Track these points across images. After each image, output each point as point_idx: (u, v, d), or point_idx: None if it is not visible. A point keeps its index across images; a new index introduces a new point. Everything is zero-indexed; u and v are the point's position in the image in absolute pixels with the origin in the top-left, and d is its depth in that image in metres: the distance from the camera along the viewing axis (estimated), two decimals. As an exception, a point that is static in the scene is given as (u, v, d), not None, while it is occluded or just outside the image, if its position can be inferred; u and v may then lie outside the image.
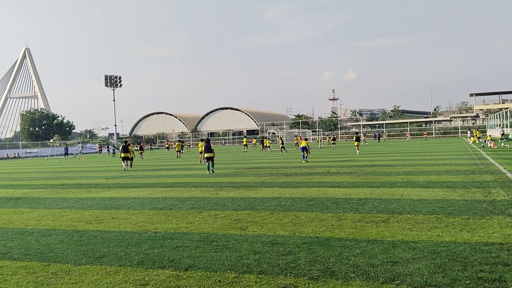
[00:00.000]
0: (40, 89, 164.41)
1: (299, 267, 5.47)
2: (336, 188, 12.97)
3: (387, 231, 7.25)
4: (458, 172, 16.20)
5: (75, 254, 6.63)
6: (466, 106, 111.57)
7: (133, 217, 9.74)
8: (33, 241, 7.71)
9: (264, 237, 7.21)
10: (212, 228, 8.14)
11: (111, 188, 16.31)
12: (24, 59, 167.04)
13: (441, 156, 26.61)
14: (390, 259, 5.62)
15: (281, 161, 28.81)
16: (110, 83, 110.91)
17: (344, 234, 7.14)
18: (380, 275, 5.04)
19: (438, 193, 11.10)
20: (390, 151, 35.07)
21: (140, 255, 6.38)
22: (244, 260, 5.89)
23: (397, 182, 13.85)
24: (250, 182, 15.95)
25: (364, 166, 21.01)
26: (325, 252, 6.12)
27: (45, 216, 10.41)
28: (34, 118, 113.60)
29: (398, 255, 5.78)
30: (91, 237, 7.85)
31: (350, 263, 5.56)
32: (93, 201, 12.77)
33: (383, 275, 5.03)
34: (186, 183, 16.81)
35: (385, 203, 10.03)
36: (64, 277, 5.52)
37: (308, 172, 18.84)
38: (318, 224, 8.03)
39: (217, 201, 11.58)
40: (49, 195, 14.89)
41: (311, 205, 10.25)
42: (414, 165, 19.97)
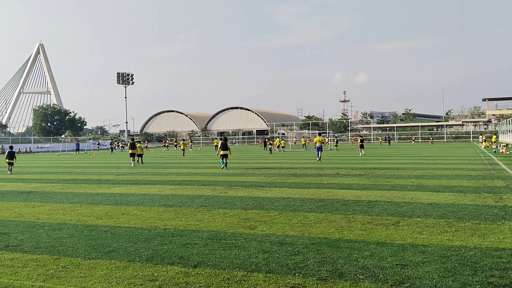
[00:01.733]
0: (53, 85, 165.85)
1: (307, 267, 5.47)
2: (346, 190, 12.93)
3: (397, 234, 7.21)
4: (469, 177, 16.07)
5: (85, 248, 6.68)
6: (478, 111, 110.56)
7: (143, 213, 9.79)
8: (43, 235, 7.77)
9: (273, 236, 7.21)
10: (221, 226, 8.15)
11: (121, 184, 16.41)
12: (37, 54, 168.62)
13: (452, 160, 26.41)
14: (399, 262, 5.59)
15: (290, 161, 28.78)
16: (122, 80, 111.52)
17: (354, 236, 7.12)
18: (389, 278, 5.02)
19: (449, 198, 11.02)
20: (401, 154, 34.86)
21: (149, 251, 6.41)
22: (253, 259, 5.89)
23: (407, 185, 13.78)
24: (260, 181, 15.95)
25: (374, 168, 20.92)
26: (334, 253, 6.10)
27: (56, 210, 10.50)
28: (47, 113, 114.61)
29: (408, 258, 5.75)
30: (101, 232, 7.91)
31: (359, 264, 5.54)
32: (103, 196, 12.86)
33: (392, 278, 5.01)
34: (195, 181, 16.86)
35: (395, 206, 9.98)
36: (74, 271, 5.57)
37: (317, 173, 18.81)
38: (327, 225, 8.01)
39: (226, 199, 11.60)
40: (60, 189, 15.02)
41: (320, 206, 10.24)
42: (425, 169, 19.84)
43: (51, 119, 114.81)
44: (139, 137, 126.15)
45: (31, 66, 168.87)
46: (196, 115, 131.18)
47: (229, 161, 23.70)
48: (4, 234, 7.92)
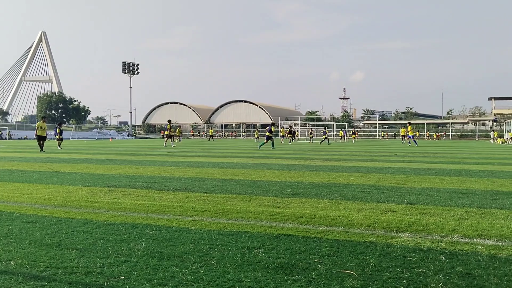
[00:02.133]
0: (55, 73, 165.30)
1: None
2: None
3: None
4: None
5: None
6: (479, 111, 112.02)
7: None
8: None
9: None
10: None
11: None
12: (40, 42, 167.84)
13: (503, 150, 27.37)
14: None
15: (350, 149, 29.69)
16: (127, 70, 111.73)
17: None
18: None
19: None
20: (443, 149, 35.83)
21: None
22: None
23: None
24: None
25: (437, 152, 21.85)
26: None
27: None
28: (51, 101, 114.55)
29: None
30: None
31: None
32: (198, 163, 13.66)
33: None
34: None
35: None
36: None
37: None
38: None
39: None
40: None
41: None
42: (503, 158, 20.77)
43: (56, 107, 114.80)
44: (141, 128, 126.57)
45: (33, 54, 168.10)
46: (199, 107, 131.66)
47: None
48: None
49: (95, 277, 3.31)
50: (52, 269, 3.46)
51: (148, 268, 3.47)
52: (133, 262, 3.62)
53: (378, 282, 3.23)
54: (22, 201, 6.66)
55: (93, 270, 3.43)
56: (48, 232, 4.67)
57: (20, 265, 3.56)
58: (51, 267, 3.51)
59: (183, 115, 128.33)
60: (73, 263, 3.60)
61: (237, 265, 3.55)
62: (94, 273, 3.37)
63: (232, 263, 3.59)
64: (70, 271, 3.41)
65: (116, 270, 3.42)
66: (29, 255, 3.84)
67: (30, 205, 6.31)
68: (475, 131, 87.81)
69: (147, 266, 3.52)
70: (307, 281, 3.24)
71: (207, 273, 3.36)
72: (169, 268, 3.48)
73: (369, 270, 3.45)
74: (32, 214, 5.63)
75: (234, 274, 3.36)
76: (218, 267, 3.50)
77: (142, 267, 3.51)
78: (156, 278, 3.28)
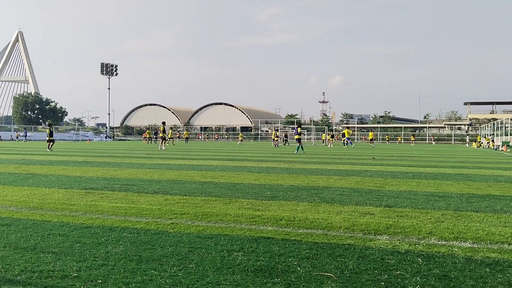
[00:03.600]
0: (31, 73, 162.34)
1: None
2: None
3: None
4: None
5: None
6: (455, 115, 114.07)
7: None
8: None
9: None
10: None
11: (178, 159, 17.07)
12: (16, 42, 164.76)
13: (475, 154, 27.94)
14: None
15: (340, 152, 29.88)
16: (106, 71, 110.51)
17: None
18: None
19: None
20: (412, 152, 36.38)
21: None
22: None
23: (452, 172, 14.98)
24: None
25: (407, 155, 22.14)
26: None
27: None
28: (27, 102, 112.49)
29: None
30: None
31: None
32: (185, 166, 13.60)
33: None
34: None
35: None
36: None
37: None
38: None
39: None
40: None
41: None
42: (469, 161, 21.17)
43: (32, 108, 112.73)
44: (119, 130, 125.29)
45: (9, 54, 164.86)
46: (179, 109, 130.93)
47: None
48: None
49: (72, 281, 3.26)
50: (28, 272, 3.39)
51: (126, 272, 3.43)
52: (110, 266, 3.57)
53: (356, 284, 3.26)
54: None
55: (70, 273, 3.38)
56: (24, 235, 4.58)
57: (-6, 269, 3.48)
58: (26, 270, 3.44)
59: (162, 117, 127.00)
60: (49, 266, 3.54)
61: (216, 268, 3.53)
62: (70, 277, 3.31)
63: (211, 266, 3.58)
64: (46, 274, 3.35)
65: (93, 274, 3.38)
66: (4, 258, 3.76)
67: (5, 208, 6.18)
68: (451, 135, 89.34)
69: (125, 270, 3.48)
70: (286, 284, 3.25)
71: (186, 277, 3.34)
72: (148, 271, 3.45)
73: (348, 273, 3.47)
74: (7, 217, 5.52)
75: (213, 277, 3.34)
76: (197, 270, 3.48)
77: (120, 270, 3.46)
78: (134, 282, 3.24)
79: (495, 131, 57.24)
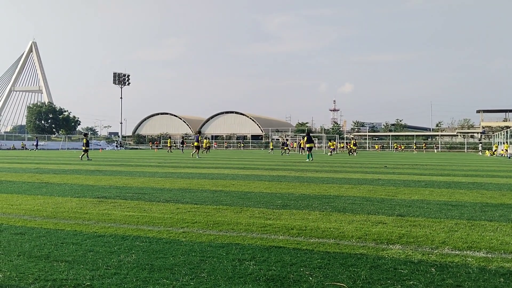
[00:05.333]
0: (45, 83, 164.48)
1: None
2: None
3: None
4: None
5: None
6: (468, 123, 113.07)
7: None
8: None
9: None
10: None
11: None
12: (30, 52, 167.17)
13: (490, 163, 27.66)
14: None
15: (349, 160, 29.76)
16: (118, 80, 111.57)
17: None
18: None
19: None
20: (431, 161, 36.08)
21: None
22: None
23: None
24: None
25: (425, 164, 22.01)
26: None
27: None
28: (41, 111, 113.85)
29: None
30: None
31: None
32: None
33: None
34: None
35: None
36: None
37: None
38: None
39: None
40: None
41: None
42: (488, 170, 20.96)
43: (45, 117, 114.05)
44: (131, 139, 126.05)
45: (23, 64, 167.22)
46: (190, 118, 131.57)
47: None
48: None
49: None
50: (41, 281, 3.42)
51: (138, 281, 3.45)
52: (123, 275, 3.59)
53: (369, 294, 3.23)
54: (10, 212, 6.59)
55: (83, 282, 3.40)
56: (37, 244, 4.62)
57: (9, 277, 3.52)
58: (40, 279, 3.47)
59: (174, 126, 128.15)
60: (62, 275, 3.57)
61: (228, 278, 3.53)
62: (83, 286, 3.33)
63: (223, 276, 3.58)
64: (59, 283, 3.38)
65: (106, 283, 3.40)
66: (18, 267, 3.80)
67: (19, 217, 6.25)
68: (464, 143, 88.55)
69: (137, 279, 3.49)
70: (298, 293, 3.23)
71: (197, 286, 3.35)
72: (160, 280, 3.46)
73: (360, 283, 3.45)
74: (21, 226, 5.57)
75: (225, 286, 3.34)
76: (209, 280, 3.48)
77: (132, 279, 3.48)
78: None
79: (508, 139, 56.60)
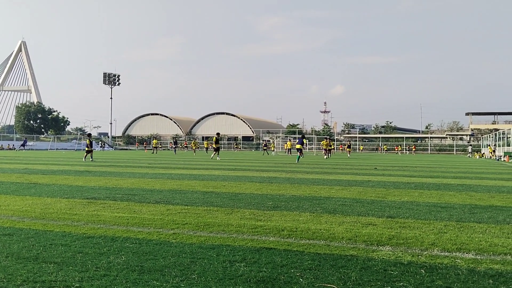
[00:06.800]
0: (34, 83, 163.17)
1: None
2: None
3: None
4: None
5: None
6: (457, 126, 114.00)
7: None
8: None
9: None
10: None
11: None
12: (19, 52, 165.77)
13: (479, 165, 27.90)
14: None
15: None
16: (108, 81, 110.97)
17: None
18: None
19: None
20: (416, 163, 36.33)
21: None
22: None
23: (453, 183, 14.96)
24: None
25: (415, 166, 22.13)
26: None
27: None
28: (30, 111, 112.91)
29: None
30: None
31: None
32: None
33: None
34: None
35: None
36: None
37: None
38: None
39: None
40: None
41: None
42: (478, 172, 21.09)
43: (34, 117, 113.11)
44: (121, 139, 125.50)
45: (12, 63, 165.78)
46: (180, 119, 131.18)
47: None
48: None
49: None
50: (30, 283, 3.39)
51: (128, 282, 3.43)
52: (112, 276, 3.57)
53: (359, 296, 3.24)
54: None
55: (72, 284, 3.37)
56: (26, 245, 4.58)
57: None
58: (28, 281, 3.44)
59: (164, 126, 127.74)
60: (51, 277, 3.54)
61: (218, 279, 3.52)
62: (72, 287, 3.30)
63: (214, 277, 3.57)
64: (48, 285, 3.35)
65: (95, 284, 3.37)
66: (6, 268, 3.76)
67: (7, 217, 6.19)
68: (453, 146, 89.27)
69: (127, 280, 3.47)
70: (289, 295, 3.23)
71: (188, 287, 3.33)
72: (150, 282, 3.44)
73: (351, 284, 3.46)
74: (9, 227, 5.52)
75: (215, 288, 3.33)
76: (199, 281, 3.47)
77: (122, 281, 3.46)
78: (136, 293, 3.23)
79: (497, 141, 57.19)
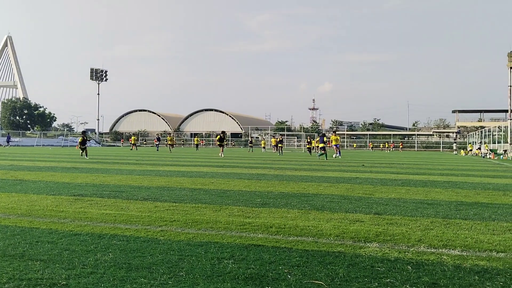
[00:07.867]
0: (20, 78, 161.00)
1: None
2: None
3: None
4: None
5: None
6: (443, 123, 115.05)
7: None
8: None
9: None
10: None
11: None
12: (5, 47, 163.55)
13: (464, 161, 28.17)
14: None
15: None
16: (95, 76, 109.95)
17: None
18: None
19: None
20: (401, 160, 36.57)
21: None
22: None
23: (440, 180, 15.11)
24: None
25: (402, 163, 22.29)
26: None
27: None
28: (16, 107, 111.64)
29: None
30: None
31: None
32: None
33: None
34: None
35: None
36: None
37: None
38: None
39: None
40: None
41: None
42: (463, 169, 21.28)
43: (20, 113, 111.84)
44: (108, 136, 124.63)
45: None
46: (169, 115, 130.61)
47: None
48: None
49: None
50: (16, 280, 3.36)
51: (115, 280, 3.41)
52: (100, 274, 3.54)
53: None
54: (-17, 210, 6.45)
55: (58, 282, 3.35)
56: (11, 242, 4.53)
57: (-19, 277, 3.44)
58: (14, 278, 3.40)
59: (152, 123, 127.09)
60: (37, 274, 3.50)
61: (206, 276, 3.52)
62: (59, 285, 3.28)
63: (202, 274, 3.57)
64: (35, 282, 3.32)
65: (82, 282, 3.35)
66: (-9, 266, 3.71)
67: (-8, 215, 6.11)
68: (439, 143, 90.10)
69: (114, 278, 3.45)
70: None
71: (176, 285, 3.33)
72: (137, 279, 3.43)
73: (338, 281, 3.48)
74: (-6, 224, 5.45)
75: (203, 285, 3.33)
76: (187, 279, 3.46)
77: (109, 278, 3.44)
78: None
79: (482, 138, 57.86)
